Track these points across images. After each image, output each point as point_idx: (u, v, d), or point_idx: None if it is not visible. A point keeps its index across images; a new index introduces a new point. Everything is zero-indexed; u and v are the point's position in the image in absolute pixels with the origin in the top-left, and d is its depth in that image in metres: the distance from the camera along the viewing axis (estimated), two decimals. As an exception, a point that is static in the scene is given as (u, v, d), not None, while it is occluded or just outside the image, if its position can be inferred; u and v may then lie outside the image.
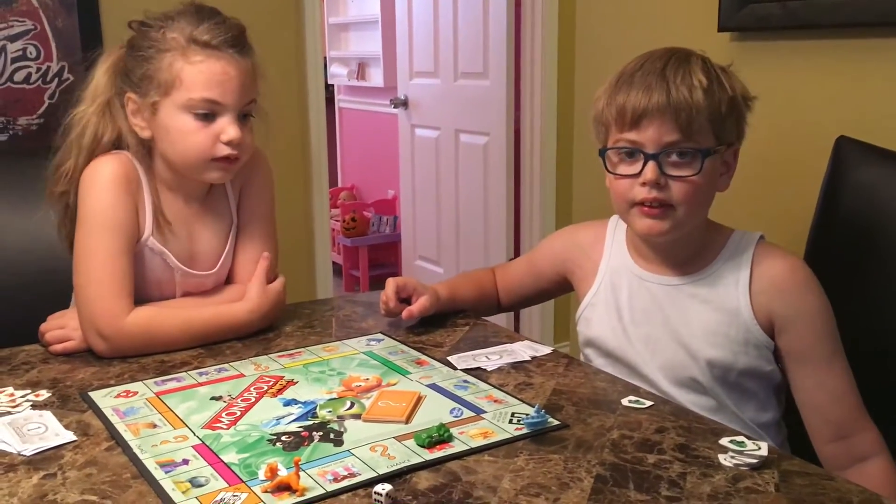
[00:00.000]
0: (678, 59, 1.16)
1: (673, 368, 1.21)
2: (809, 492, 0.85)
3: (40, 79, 2.31)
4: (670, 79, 1.13)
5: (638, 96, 1.14)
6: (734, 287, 1.19)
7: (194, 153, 1.25)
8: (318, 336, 1.32)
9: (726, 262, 1.20)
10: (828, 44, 2.11)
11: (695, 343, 1.19)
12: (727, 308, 1.18)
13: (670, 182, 1.14)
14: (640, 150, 1.15)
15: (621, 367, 1.26)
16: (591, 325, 1.30)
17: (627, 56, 1.24)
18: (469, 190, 3.51)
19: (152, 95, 1.24)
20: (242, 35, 1.27)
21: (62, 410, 1.04)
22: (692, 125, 1.13)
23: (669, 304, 1.22)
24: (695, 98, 1.12)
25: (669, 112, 1.12)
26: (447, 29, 3.51)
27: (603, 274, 1.30)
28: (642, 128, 1.14)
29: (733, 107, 1.16)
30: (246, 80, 1.25)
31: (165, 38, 1.23)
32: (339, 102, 5.09)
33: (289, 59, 2.68)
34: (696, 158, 1.14)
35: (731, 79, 1.17)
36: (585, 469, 0.89)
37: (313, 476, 0.86)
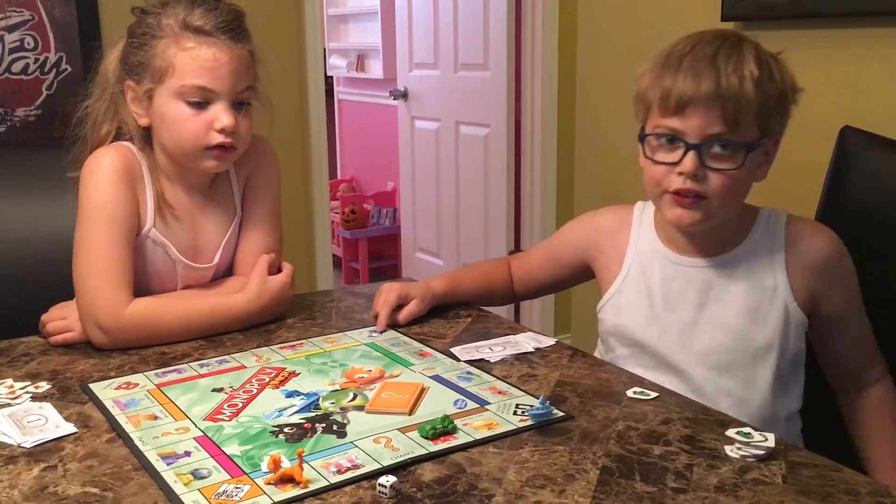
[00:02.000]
0: (730, 46, 1.11)
1: (711, 353, 1.18)
2: (817, 483, 0.84)
3: (38, 69, 2.29)
4: (721, 66, 1.08)
5: (685, 82, 1.09)
6: (770, 265, 1.17)
7: (188, 141, 1.24)
8: (319, 327, 1.31)
9: (759, 241, 1.19)
10: (832, 33, 2.09)
11: (735, 323, 1.17)
12: (765, 286, 1.17)
13: (709, 174, 1.11)
14: (682, 138, 1.11)
15: (648, 356, 1.23)
16: (621, 313, 1.26)
17: (629, 46, 1.22)
18: (469, 182, 3.50)
19: (147, 83, 1.23)
20: (238, 20, 1.25)
21: (62, 402, 1.03)
22: (739, 118, 1.08)
23: (706, 287, 1.19)
24: (745, 89, 1.08)
25: (717, 102, 1.08)
26: (447, 20, 3.50)
27: (631, 260, 1.26)
28: (686, 116, 1.10)
29: (782, 99, 1.12)
30: (239, 67, 1.23)
31: (160, 25, 1.22)
32: (338, 94, 5.07)
33: (288, 51, 2.67)
34: (740, 152, 1.10)
35: (782, 69, 1.13)
36: (591, 461, 0.88)
37: (316, 468, 0.85)
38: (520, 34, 3.13)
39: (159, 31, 1.22)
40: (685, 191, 1.12)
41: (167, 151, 1.28)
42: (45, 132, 2.30)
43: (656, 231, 1.26)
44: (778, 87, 1.11)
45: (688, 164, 1.10)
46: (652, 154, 1.16)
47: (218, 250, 1.35)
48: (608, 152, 2.94)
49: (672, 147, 1.13)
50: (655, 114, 1.14)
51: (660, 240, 1.25)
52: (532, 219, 3.19)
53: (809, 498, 0.81)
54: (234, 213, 1.37)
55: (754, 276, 1.18)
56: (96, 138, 1.30)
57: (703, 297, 1.20)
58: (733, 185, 1.12)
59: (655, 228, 1.27)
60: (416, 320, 1.32)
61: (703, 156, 1.10)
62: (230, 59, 1.22)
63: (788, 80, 1.13)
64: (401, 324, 1.30)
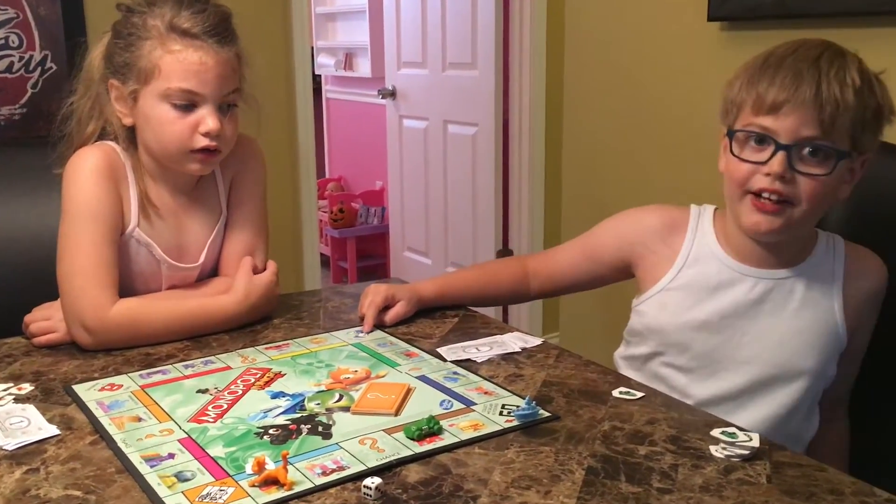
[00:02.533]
0: (834, 52, 1.09)
1: (755, 365, 1.17)
2: (802, 483, 0.85)
3: (23, 68, 2.28)
4: (823, 70, 1.06)
5: (785, 81, 1.06)
6: (829, 289, 1.16)
7: (173, 144, 1.23)
8: (306, 328, 1.30)
9: (820, 262, 1.17)
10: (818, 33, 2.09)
11: (785, 340, 1.16)
12: (820, 309, 1.16)
13: (796, 177, 1.07)
14: (773, 137, 1.07)
15: (685, 357, 1.21)
16: (666, 310, 1.23)
17: (617, 45, 1.22)
18: (457, 181, 3.49)
19: (132, 83, 1.22)
20: (225, 22, 1.24)
21: (45, 404, 1.02)
22: (835, 124, 1.05)
23: (761, 299, 1.17)
24: (845, 96, 1.05)
25: (815, 104, 1.05)
26: (435, 18, 3.49)
27: (685, 259, 1.23)
28: (781, 115, 1.06)
29: (879, 116, 1.10)
30: (226, 71, 1.23)
31: (146, 25, 1.21)
32: (326, 93, 5.06)
33: (276, 50, 2.66)
34: (831, 158, 1.07)
35: (882, 87, 1.10)
36: (577, 461, 0.88)
37: (301, 470, 0.85)
38: (508, 33, 3.13)
39: (145, 31, 1.21)
40: (770, 191, 1.08)
41: (151, 152, 1.27)
42: (30, 131, 2.28)
43: (717, 236, 1.23)
44: (877, 100, 1.09)
45: (776, 165, 1.07)
46: (739, 152, 1.12)
47: (203, 250, 1.34)
48: (596, 151, 2.94)
49: (761, 147, 1.09)
50: (747, 113, 1.11)
51: (720, 243, 1.22)
52: (520, 217, 3.19)
53: (794, 498, 0.82)
54: (219, 213, 1.36)
55: (812, 298, 1.16)
56: (81, 136, 1.29)
57: (757, 308, 1.18)
58: (820, 193, 1.09)
59: (716, 233, 1.23)
60: (402, 320, 1.32)
61: (793, 158, 1.07)
62: (217, 62, 1.21)
63: (887, 98, 1.10)
64: (387, 325, 1.30)
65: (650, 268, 1.28)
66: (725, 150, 1.16)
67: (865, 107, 1.07)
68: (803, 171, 1.08)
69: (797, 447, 1.19)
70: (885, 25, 1.99)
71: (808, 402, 1.19)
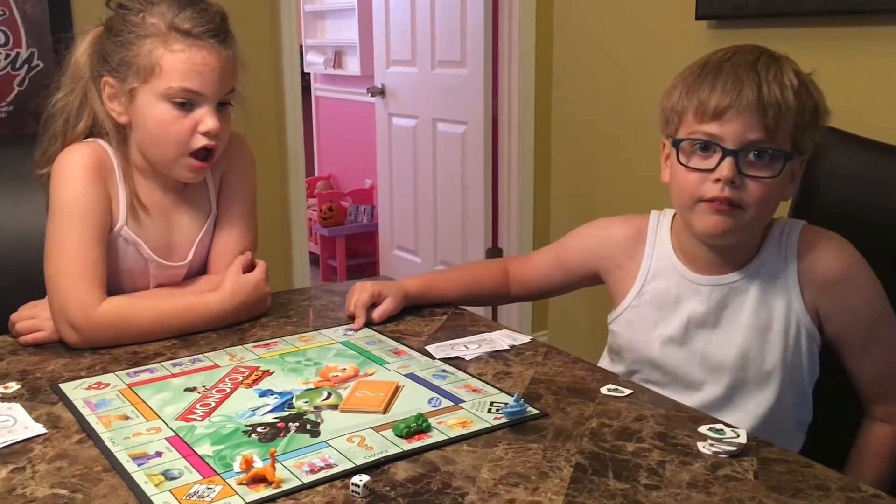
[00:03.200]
0: (770, 56, 1.11)
1: (726, 371, 1.17)
2: (788, 478, 0.85)
3: (9, 65, 2.26)
4: (762, 73, 1.07)
5: (726, 87, 1.07)
6: (783, 280, 1.15)
7: (171, 142, 1.22)
8: (294, 326, 1.30)
9: (772, 255, 1.17)
10: (806, 31, 2.11)
11: (748, 342, 1.16)
12: (777, 303, 1.16)
13: (746, 182, 1.08)
14: (719, 144, 1.09)
15: (660, 373, 1.22)
16: (634, 328, 1.25)
17: (605, 44, 1.23)
18: (447, 179, 3.49)
19: (130, 81, 1.21)
20: (224, 23, 1.24)
21: (32, 403, 1.02)
22: (778, 125, 1.07)
23: (721, 306, 1.18)
24: (786, 97, 1.06)
25: (759, 108, 1.06)
26: (424, 17, 3.49)
27: (645, 274, 1.25)
28: (725, 121, 1.08)
29: (816, 116, 1.11)
30: (226, 71, 1.23)
31: (145, 23, 1.20)
32: (315, 91, 5.05)
33: (264, 48, 2.65)
34: (778, 160, 1.09)
35: (817, 88, 1.12)
36: (564, 458, 0.88)
37: (289, 468, 0.85)
38: (497, 31, 3.13)
39: (144, 29, 1.20)
40: (722, 199, 1.09)
41: (144, 151, 1.26)
42: (17, 129, 2.27)
43: (672, 245, 1.24)
44: (814, 101, 1.10)
45: (725, 170, 1.08)
46: (686, 160, 1.13)
47: (191, 248, 1.34)
48: (584, 149, 2.95)
49: (707, 154, 1.10)
50: (690, 121, 1.12)
51: (675, 255, 1.23)
52: (509, 215, 3.19)
53: (781, 493, 0.82)
54: (208, 211, 1.36)
55: (767, 293, 1.16)
56: (72, 134, 1.27)
57: (716, 315, 1.18)
58: (769, 194, 1.10)
59: (672, 242, 1.24)
60: (391, 318, 1.32)
61: (741, 162, 1.08)
62: (219, 62, 1.21)
63: (822, 99, 1.12)
64: (375, 322, 1.30)
65: (617, 283, 1.30)
66: (668, 161, 1.18)
67: (804, 107, 1.09)
68: (752, 174, 1.09)
69: (791, 436, 1.20)
70: (872, 24, 2.00)
71: (793, 396, 1.19)
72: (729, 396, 1.18)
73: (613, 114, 2.79)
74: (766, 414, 1.17)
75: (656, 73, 2.66)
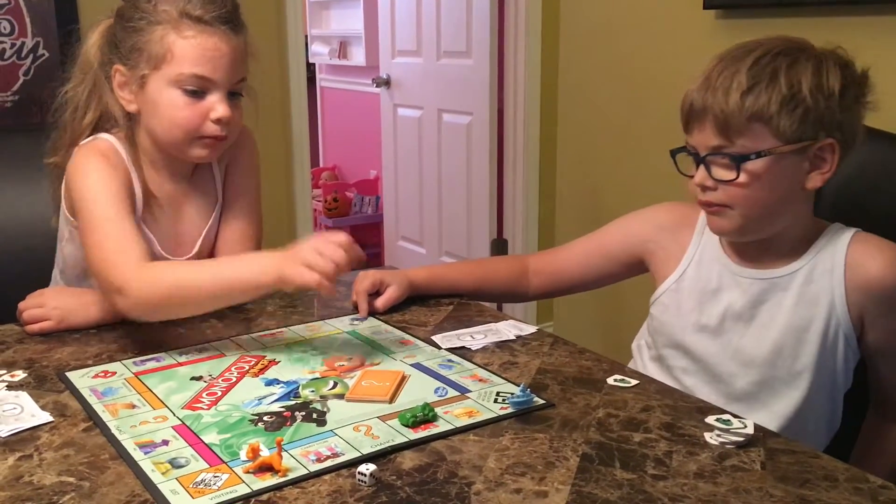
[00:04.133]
0: (733, 59, 1.11)
1: (756, 366, 1.17)
2: (796, 469, 0.85)
3: (15, 55, 2.26)
4: (712, 82, 1.11)
5: (691, 99, 1.13)
6: (828, 283, 1.14)
7: (181, 129, 1.22)
8: (300, 315, 1.30)
9: (821, 257, 1.16)
10: (813, 21, 2.10)
11: (783, 340, 1.15)
12: (819, 304, 1.15)
13: (720, 185, 1.12)
14: (692, 153, 1.15)
15: (690, 359, 1.22)
16: (669, 312, 1.25)
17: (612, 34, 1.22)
18: (452, 170, 3.49)
19: (142, 68, 1.21)
20: (236, 11, 1.24)
21: (38, 391, 1.02)
22: (730, 129, 1.09)
23: (759, 300, 1.17)
24: (730, 102, 1.08)
25: (708, 115, 1.11)
26: (430, 7, 3.48)
27: (689, 260, 1.25)
28: (693, 133, 1.14)
29: (793, 104, 1.08)
30: (237, 58, 1.22)
31: (157, 10, 1.20)
32: (320, 82, 5.04)
33: (269, 38, 2.64)
34: (734, 163, 1.10)
35: (801, 71, 1.08)
36: (571, 448, 0.88)
37: (296, 456, 0.85)
38: (503, 21, 3.12)
39: (156, 15, 1.20)
40: (703, 203, 1.15)
41: (155, 138, 1.26)
42: (23, 118, 2.27)
43: (720, 242, 1.24)
44: (781, 91, 1.08)
45: (697, 176, 1.14)
46: (686, 170, 1.18)
47: (199, 240, 1.34)
48: (591, 140, 2.94)
49: (692, 162, 1.16)
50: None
51: (721, 246, 1.23)
52: (514, 206, 3.19)
53: (788, 484, 0.82)
54: (215, 201, 1.36)
55: (809, 293, 1.15)
56: (81, 125, 1.27)
57: (754, 309, 1.18)
58: (745, 194, 1.11)
59: (720, 239, 1.24)
60: (397, 308, 1.32)
61: (709, 168, 1.12)
62: (230, 49, 1.21)
63: (809, 82, 1.08)
64: (380, 311, 1.29)
65: (661, 264, 1.29)
66: None
67: (766, 101, 1.07)
68: (720, 178, 1.12)
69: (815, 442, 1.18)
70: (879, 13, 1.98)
71: (823, 401, 1.17)
72: (756, 393, 1.17)
73: (620, 104, 2.78)
74: (793, 415, 1.15)
75: (663, 64, 2.66)
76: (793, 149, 1.10)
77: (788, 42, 1.13)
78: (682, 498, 0.79)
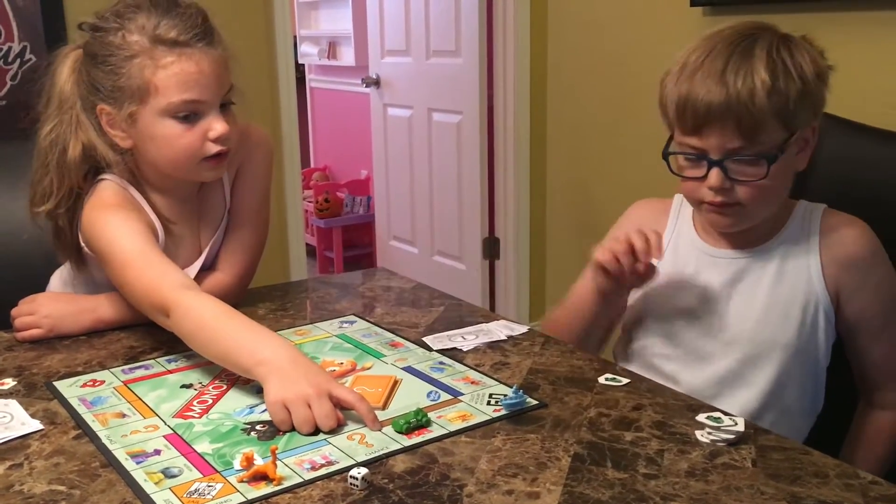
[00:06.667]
0: (741, 55, 1.09)
1: (739, 343, 1.18)
2: (787, 466, 0.85)
3: (1, 60, 2.25)
4: (730, 83, 1.07)
5: (696, 101, 1.09)
6: (804, 256, 1.17)
7: (184, 156, 1.19)
8: (291, 318, 1.30)
9: (794, 233, 1.18)
10: (801, 18, 2.10)
11: (765, 315, 1.17)
12: (798, 277, 1.16)
13: (735, 185, 1.11)
14: (704, 156, 1.12)
15: (673, 346, 1.23)
16: (647, 299, 1.25)
17: (600, 32, 1.22)
18: (443, 169, 3.49)
19: (128, 106, 1.16)
20: (206, 22, 1.19)
21: (28, 399, 1.01)
22: (756, 129, 1.08)
23: (737, 278, 1.19)
24: (757, 102, 1.07)
25: (731, 119, 1.08)
26: (418, 6, 3.48)
27: (665, 247, 1.24)
28: (704, 135, 1.10)
29: (804, 95, 1.10)
30: (220, 72, 1.19)
31: (127, 43, 1.15)
32: (310, 82, 5.03)
33: (258, 39, 2.64)
34: (762, 163, 1.09)
35: (802, 61, 1.10)
36: (563, 448, 0.88)
37: (290, 465, 0.85)
38: (491, 20, 3.12)
39: (128, 49, 1.15)
40: (717, 203, 1.13)
41: (159, 168, 1.23)
42: (10, 124, 2.26)
43: (693, 224, 1.26)
44: (796, 85, 1.09)
45: (713, 180, 1.11)
46: (679, 170, 1.17)
47: (206, 249, 1.32)
48: (580, 137, 2.94)
49: (698, 164, 1.13)
50: (677, 130, 1.15)
51: (696, 233, 1.25)
52: (506, 205, 3.19)
53: (779, 481, 0.82)
54: (223, 208, 1.33)
55: (787, 268, 1.17)
56: (68, 163, 1.21)
57: (733, 287, 1.19)
58: (764, 191, 1.12)
59: (693, 221, 1.26)
60: (388, 309, 1.32)
61: (728, 169, 1.11)
62: (212, 66, 1.17)
63: (810, 69, 1.10)
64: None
65: None
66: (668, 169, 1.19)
67: (786, 97, 1.08)
68: (740, 178, 1.11)
69: (800, 421, 1.20)
70: (865, 9, 1.99)
71: (800, 375, 1.18)
72: (740, 371, 1.18)
73: (609, 102, 2.78)
74: (775, 389, 1.17)
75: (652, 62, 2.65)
76: (797, 137, 1.13)
77: (764, 26, 1.14)
78: (674, 497, 0.79)
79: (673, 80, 1.14)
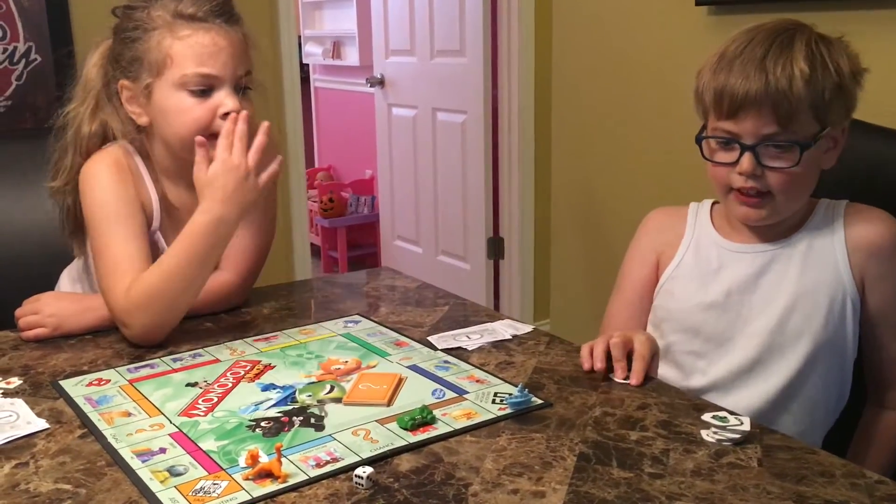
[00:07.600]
0: (780, 44, 1.11)
1: (766, 334, 1.17)
2: (793, 466, 0.85)
3: (7, 60, 2.25)
4: (770, 69, 1.10)
5: (735, 86, 1.11)
6: (830, 246, 1.17)
7: (193, 131, 1.20)
8: (296, 318, 1.30)
9: (818, 226, 1.18)
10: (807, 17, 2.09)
11: (792, 304, 1.17)
12: (824, 266, 1.16)
13: (767, 172, 1.13)
14: (737, 140, 1.13)
15: (700, 340, 1.22)
16: (674, 298, 1.26)
17: (605, 31, 1.22)
18: (447, 169, 3.49)
19: (145, 78, 1.21)
20: (228, 3, 1.23)
21: (34, 398, 1.02)
22: (792, 117, 1.10)
23: (763, 270, 1.19)
24: (794, 90, 1.09)
25: (768, 104, 1.10)
26: (423, 6, 3.47)
27: (686, 246, 1.26)
28: (740, 119, 1.12)
29: (839, 90, 1.12)
30: (237, 50, 1.22)
31: (151, 17, 1.20)
32: (314, 82, 5.04)
33: (262, 39, 2.62)
34: (794, 150, 1.11)
35: (839, 58, 1.12)
36: (568, 447, 0.88)
37: (295, 462, 0.85)
38: (496, 19, 3.12)
39: (150, 23, 1.20)
40: (747, 189, 1.14)
41: (169, 146, 1.25)
42: (16, 124, 2.26)
43: (714, 227, 1.26)
44: (833, 79, 1.11)
45: (745, 165, 1.13)
46: (711, 156, 1.18)
47: None
48: (585, 136, 2.94)
49: (730, 149, 1.15)
50: (712, 116, 1.17)
51: (715, 229, 1.26)
52: (510, 204, 3.19)
53: (785, 480, 0.82)
54: None
55: (813, 259, 1.17)
56: (81, 140, 1.26)
57: (758, 281, 1.20)
58: (794, 180, 1.13)
59: (713, 224, 1.27)
60: (393, 308, 1.32)
61: (760, 155, 1.12)
62: (228, 42, 1.20)
63: (847, 66, 1.12)
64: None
65: (666, 259, 1.30)
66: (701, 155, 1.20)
67: (822, 89, 1.10)
68: (772, 165, 1.13)
69: (824, 413, 1.19)
70: (873, 8, 1.98)
71: (826, 366, 1.17)
72: (761, 361, 1.18)
73: (614, 101, 2.78)
74: (795, 379, 1.16)
75: (656, 61, 2.66)
76: (828, 133, 1.14)
77: (803, 24, 1.16)
78: (680, 496, 0.79)
79: (711, 69, 1.15)
